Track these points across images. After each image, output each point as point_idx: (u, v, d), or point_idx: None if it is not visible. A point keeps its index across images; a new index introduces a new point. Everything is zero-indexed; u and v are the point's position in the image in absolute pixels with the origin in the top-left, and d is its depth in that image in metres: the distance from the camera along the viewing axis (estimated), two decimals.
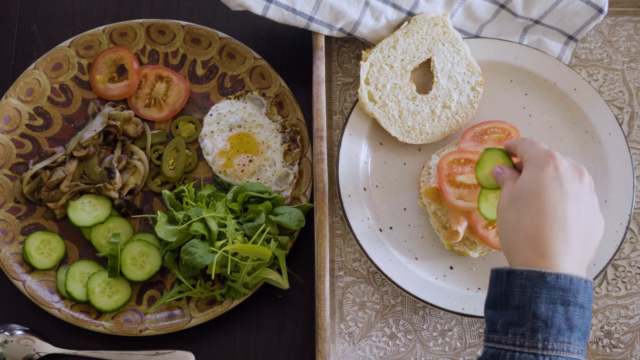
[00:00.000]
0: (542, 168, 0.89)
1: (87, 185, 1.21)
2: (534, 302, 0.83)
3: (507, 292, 0.85)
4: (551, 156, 0.90)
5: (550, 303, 0.83)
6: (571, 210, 0.87)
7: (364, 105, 1.20)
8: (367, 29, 1.23)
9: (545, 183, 0.88)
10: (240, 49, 1.29)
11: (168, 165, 1.24)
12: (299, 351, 1.18)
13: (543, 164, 0.89)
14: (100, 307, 1.16)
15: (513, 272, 0.85)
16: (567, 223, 0.86)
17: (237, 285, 1.13)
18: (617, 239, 1.17)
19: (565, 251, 0.85)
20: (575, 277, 0.84)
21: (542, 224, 0.86)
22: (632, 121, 1.30)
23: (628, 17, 1.35)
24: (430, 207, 1.16)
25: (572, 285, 0.83)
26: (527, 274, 0.84)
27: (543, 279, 0.83)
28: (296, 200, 1.23)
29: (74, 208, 1.20)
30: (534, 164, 0.91)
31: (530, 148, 0.93)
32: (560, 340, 0.82)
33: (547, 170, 0.89)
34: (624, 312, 1.20)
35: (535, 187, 0.88)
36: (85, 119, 1.28)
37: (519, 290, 0.84)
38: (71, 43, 1.29)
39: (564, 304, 0.83)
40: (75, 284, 1.17)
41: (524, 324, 0.83)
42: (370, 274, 1.20)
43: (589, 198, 0.90)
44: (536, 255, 0.85)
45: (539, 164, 0.90)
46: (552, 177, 0.88)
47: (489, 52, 1.26)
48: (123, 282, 1.18)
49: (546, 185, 0.88)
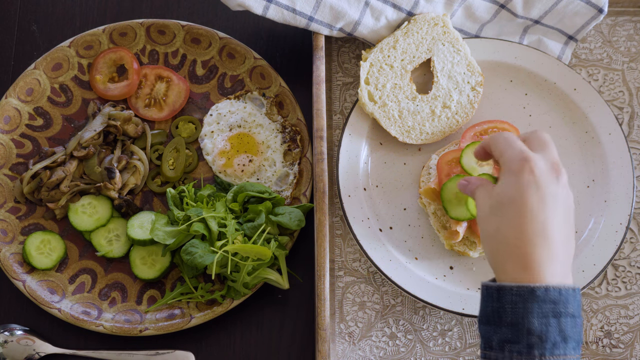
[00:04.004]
0: (518, 174, 0.88)
1: (87, 185, 1.21)
2: (527, 317, 0.83)
3: (499, 309, 0.85)
4: (526, 159, 0.88)
5: (542, 317, 0.83)
6: (550, 214, 0.87)
7: (364, 105, 1.20)
8: (367, 29, 1.23)
9: (522, 189, 0.87)
10: (240, 49, 1.29)
11: (168, 165, 1.24)
12: (299, 351, 1.18)
13: (519, 169, 0.88)
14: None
15: (503, 289, 0.85)
16: (548, 229, 0.86)
17: (237, 285, 1.13)
18: (617, 239, 1.17)
19: (549, 258, 0.85)
20: (564, 287, 0.84)
21: (524, 232, 0.86)
22: (632, 121, 1.30)
23: (628, 17, 1.35)
24: (430, 207, 1.16)
25: (561, 296, 0.84)
26: (517, 289, 0.84)
27: (533, 293, 0.83)
28: (296, 200, 1.23)
29: (75, 212, 1.20)
30: (509, 170, 0.89)
31: (505, 150, 0.91)
32: (557, 354, 0.83)
33: (523, 176, 0.87)
34: (624, 312, 1.20)
35: (513, 195, 0.87)
36: (85, 119, 1.28)
37: (510, 307, 0.84)
38: (71, 43, 1.29)
39: (555, 316, 0.83)
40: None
41: (520, 341, 0.83)
42: (370, 274, 1.20)
43: (565, 196, 0.90)
44: (521, 267, 0.85)
45: (514, 169, 0.88)
46: (528, 182, 0.87)
47: (489, 52, 1.26)
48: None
49: (523, 191, 0.87)
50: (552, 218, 0.86)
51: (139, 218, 1.20)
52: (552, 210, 0.87)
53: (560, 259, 0.86)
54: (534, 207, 0.86)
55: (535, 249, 0.85)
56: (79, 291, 1.19)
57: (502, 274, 0.88)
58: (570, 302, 0.84)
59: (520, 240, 0.86)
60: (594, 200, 1.21)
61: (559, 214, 0.87)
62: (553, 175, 0.89)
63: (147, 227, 1.19)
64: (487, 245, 0.90)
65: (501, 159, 0.91)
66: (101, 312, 1.17)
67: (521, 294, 0.84)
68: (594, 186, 1.22)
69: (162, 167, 1.24)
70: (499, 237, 0.88)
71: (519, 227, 0.86)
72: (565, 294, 0.84)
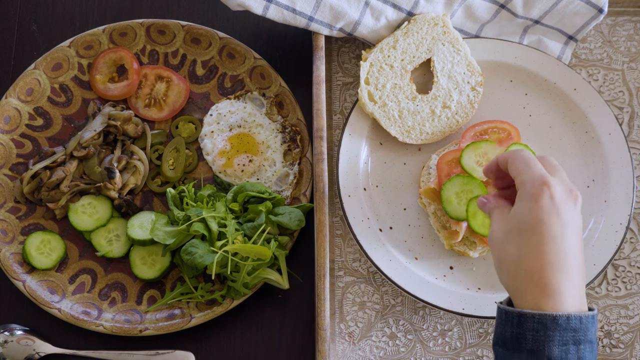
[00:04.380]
0: (537, 199, 0.86)
1: (87, 185, 1.21)
2: (548, 345, 0.83)
3: (518, 335, 0.85)
4: (546, 184, 0.87)
5: (562, 345, 0.83)
6: (571, 240, 0.86)
7: (364, 105, 1.20)
8: (367, 29, 1.23)
9: (542, 216, 0.86)
10: (240, 49, 1.29)
11: (168, 165, 1.24)
12: (299, 351, 1.18)
13: (538, 195, 0.86)
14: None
15: (524, 316, 0.85)
16: (568, 255, 0.86)
17: (237, 285, 1.13)
18: (617, 239, 1.17)
19: (569, 284, 0.85)
20: (584, 315, 0.84)
21: (545, 260, 0.85)
22: (632, 121, 1.30)
23: (628, 17, 1.35)
24: (430, 207, 1.16)
25: (582, 324, 0.84)
26: (539, 317, 0.84)
27: (555, 322, 0.83)
28: (296, 200, 1.23)
29: (75, 212, 1.20)
30: (528, 193, 0.87)
31: (524, 171, 0.89)
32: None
33: (543, 202, 0.86)
34: (624, 312, 1.20)
35: (533, 221, 0.86)
36: (85, 119, 1.28)
37: (531, 335, 0.84)
38: (71, 43, 1.29)
39: (575, 344, 0.83)
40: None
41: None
42: (370, 274, 1.20)
43: (580, 221, 0.89)
44: (542, 294, 0.85)
45: (534, 194, 0.87)
46: (549, 209, 0.86)
47: (489, 52, 1.26)
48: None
49: (544, 218, 0.86)
50: (572, 244, 0.86)
51: (139, 218, 1.20)
52: (571, 237, 0.86)
53: (577, 282, 0.86)
54: (556, 236, 0.85)
55: (557, 276, 0.85)
56: (79, 291, 1.19)
57: (521, 299, 0.87)
58: (590, 328, 0.85)
59: (541, 267, 0.85)
60: (594, 200, 1.21)
61: (578, 240, 0.87)
62: (571, 200, 0.88)
63: (147, 227, 1.19)
64: (504, 270, 0.89)
65: (518, 178, 0.90)
66: (101, 312, 1.17)
67: (543, 322, 0.83)
68: (594, 186, 1.22)
69: (162, 167, 1.24)
70: (519, 263, 0.86)
71: (540, 255, 0.85)
72: (586, 321, 0.84)
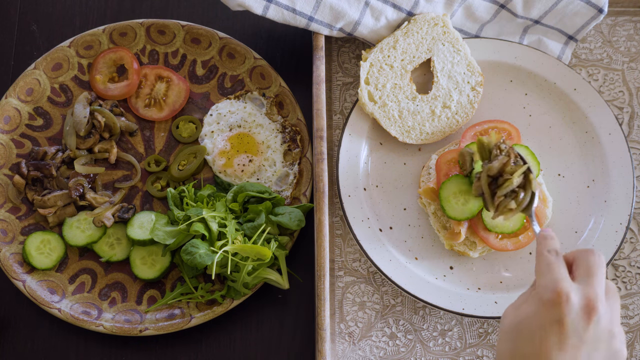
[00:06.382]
0: (546, 310, 0.82)
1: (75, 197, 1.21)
2: None
3: None
4: (559, 295, 0.82)
5: None
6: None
7: (364, 105, 1.20)
8: (367, 29, 1.23)
9: (544, 331, 0.82)
10: (240, 49, 1.29)
11: (178, 166, 1.24)
12: (299, 351, 1.18)
13: (548, 305, 0.82)
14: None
15: None
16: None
17: (237, 285, 1.13)
18: (617, 239, 1.17)
19: None
20: None
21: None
22: (632, 121, 1.30)
23: (628, 17, 1.35)
24: (430, 207, 1.16)
25: None
26: None
27: None
28: (296, 200, 1.23)
29: (70, 226, 1.20)
30: (539, 298, 0.84)
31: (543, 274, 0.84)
32: None
33: (549, 315, 0.82)
34: (624, 312, 1.20)
35: (533, 330, 0.83)
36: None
37: None
38: (71, 43, 1.29)
39: None
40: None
41: None
42: (370, 274, 1.20)
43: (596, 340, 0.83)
44: None
45: (544, 301, 0.83)
46: (551, 326, 0.82)
47: (489, 52, 1.26)
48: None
49: (544, 334, 0.82)
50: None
51: (139, 218, 1.20)
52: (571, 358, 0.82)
53: None
54: (552, 356, 0.82)
55: None
56: (79, 291, 1.19)
57: None
58: None
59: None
60: (594, 200, 1.21)
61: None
62: (584, 319, 0.82)
63: (147, 227, 1.19)
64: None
65: (537, 278, 0.87)
66: (101, 312, 1.17)
67: None
68: (594, 186, 1.22)
69: (171, 165, 1.24)
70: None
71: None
72: None
